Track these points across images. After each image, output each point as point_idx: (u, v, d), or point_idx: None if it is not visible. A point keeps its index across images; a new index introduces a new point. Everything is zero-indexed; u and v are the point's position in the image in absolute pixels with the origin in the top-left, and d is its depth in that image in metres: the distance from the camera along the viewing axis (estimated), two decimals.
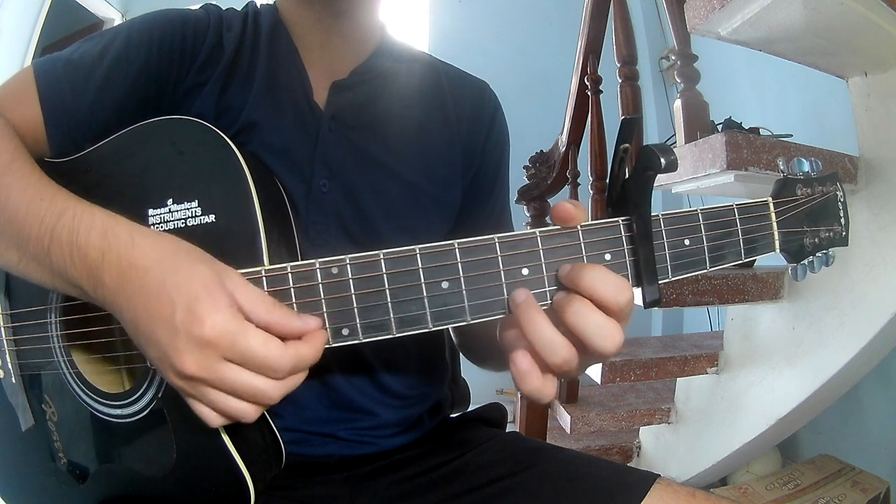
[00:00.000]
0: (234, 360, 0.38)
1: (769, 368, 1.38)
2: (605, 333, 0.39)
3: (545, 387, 0.41)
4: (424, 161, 0.68)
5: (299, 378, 0.42)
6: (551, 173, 1.77)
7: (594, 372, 1.41)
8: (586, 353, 0.40)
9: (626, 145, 0.43)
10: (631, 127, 0.43)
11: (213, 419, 0.41)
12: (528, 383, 0.41)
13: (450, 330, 0.76)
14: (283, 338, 0.40)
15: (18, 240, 0.45)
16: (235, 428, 0.48)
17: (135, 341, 0.42)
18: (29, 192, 0.46)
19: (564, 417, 1.64)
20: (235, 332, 0.38)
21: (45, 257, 0.43)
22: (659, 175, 0.41)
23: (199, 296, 0.38)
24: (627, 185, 0.43)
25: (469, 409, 0.80)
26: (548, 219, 1.78)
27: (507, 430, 0.75)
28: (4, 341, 0.59)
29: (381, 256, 0.42)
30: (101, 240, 0.41)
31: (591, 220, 0.43)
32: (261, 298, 0.40)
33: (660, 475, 0.59)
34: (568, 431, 1.65)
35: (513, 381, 0.42)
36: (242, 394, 0.39)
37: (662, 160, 0.40)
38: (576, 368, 0.41)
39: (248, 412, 0.40)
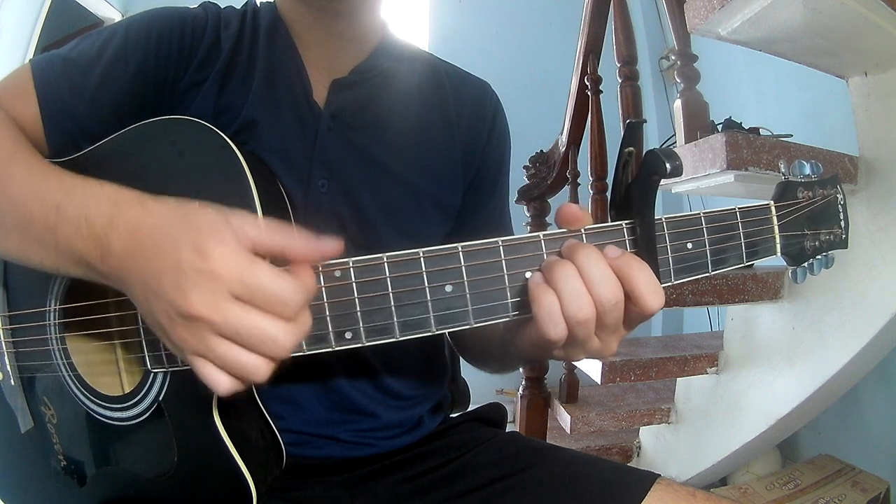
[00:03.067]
0: (243, 296, 0.36)
1: (769, 368, 1.38)
2: (609, 284, 0.40)
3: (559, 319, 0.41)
4: (425, 161, 0.68)
5: (307, 321, 0.39)
6: (551, 173, 1.77)
7: (594, 372, 1.41)
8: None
9: (631, 149, 0.43)
10: (635, 131, 0.43)
11: (222, 381, 0.38)
12: (544, 300, 0.40)
13: None
14: (296, 262, 0.39)
15: (22, 223, 0.44)
16: (236, 429, 0.48)
17: (143, 308, 0.40)
18: (33, 175, 0.46)
19: (564, 417, 1.64)
20: (242, 264, 0.37)
21: (50, 236, 0.43)
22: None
23: (204, 232, 0.37)
24: (631, 188, 0.43)
25: (469, 409, 0.80)
26: (548, 219, 1.79)
27: (507, 430, 0.75)
28: (3, 343, 0.59)
29: (385, 260, 0.42)
30: (111, 206, 0.41)
31: (591, 219, 0.43)
32: (273, 227, 0.39)
33: (660, 475, 0.59)
34: (568, 431, 1.65)
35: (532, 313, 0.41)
36: (251, 339, 0.37)
37: (668, 165, 0.40)
38: (588, 337, 0.41)
39: (258, 365, 0.38)
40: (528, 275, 0.42)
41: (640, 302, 0.40)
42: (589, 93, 1.61)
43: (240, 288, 0.36)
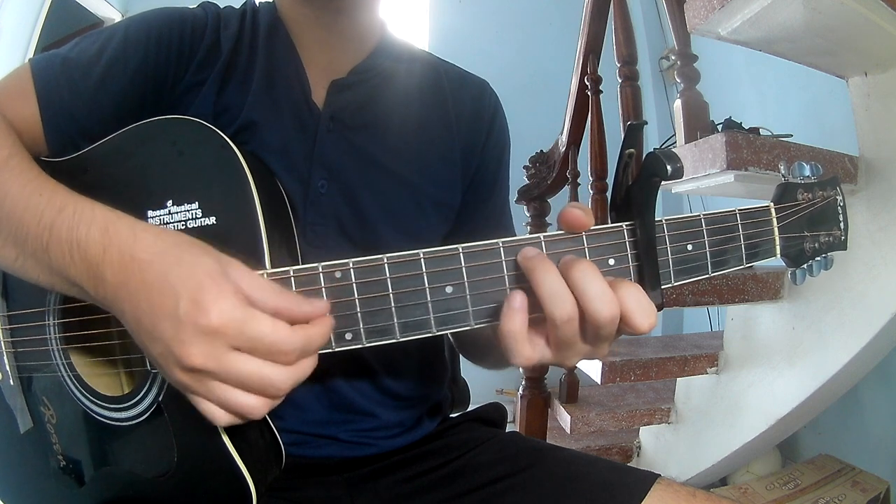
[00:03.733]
0: (243, 347, 0.37)
1: (769, 368, 1.38)
2: (606, 300, 0.39)
3: (528, 345, 0.41)
4: (424, 161, 0.68)
5: (308, 366, 0.40)
6: (551, 173, 1.77)
7: (594, 372, 1.41)
8: (584, 322, 0.40)
9: (631, 150, 0.43)
10: (636, 132, 0.43)
11: (220, 417, 0.39)
12: (512, 322, 0.40)
13: None
14: (292, 323, 0.39)
15: (17, 236, 0.44)
16: (236, 429, 0.48)
17: (136, 339, 0.40)
18: (28, 187, 0.45)
19: (564, 417, 1.64)
20: (243, 318, 0.37)
21: (43, 254, 0.43)
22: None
23: (203, 285, 0.37)
24: (632, 190, 0.43)
25: (469, 409, 0.80)
26: (548, 219, 1.79)
27: (506, 430, 0.75)
28: (2, 343, 0.59)
29: (385, 261, 0.42)
30: (102, 235, 0.40)
31: (594, 223, 0.43)
32: (267, 285, 0.39)
33: (660, 475, 0.59)
34: (568, 431, 1.65)
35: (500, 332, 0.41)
36: (251, 385, 0.38)
37: (669, 167, 0.40)
38: (571, 340, 0.41)
39: (257, 406, 0.39)
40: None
41: (630, 322, 0.40)
42: (589, 93, 1.61)
43: (241, 341, 0.37)
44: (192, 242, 0.41)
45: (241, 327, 0.37)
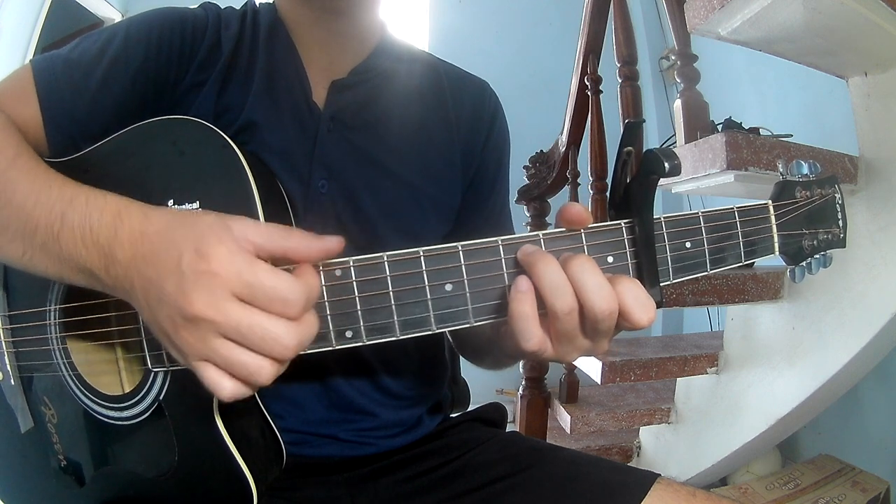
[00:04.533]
0: (244, 295, 0.36)
1: (769, 368, 1.38)
2: (604, 294, 0.39)
3: (539, 327, 0.41)
4: (424, 161, 0.68)
5: (313, 324, 0.39)
6: (551, 173, 1.77)
7: (594, 372, 1.41)
8: (583, 316, 0.40)
9: (630, 148, 0.43)
10: (635, 130, 0.43)
11: (225, 386, 0.38)
12: (522, 304, 0.40)
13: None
14: (305, 260, 0.39)
15: (25, 231, 0.44)
16: (237, 429, 0.48)
17: (146, 315, 0.40)
18: (37, 183, 0.46)
19: (564, 417, 1.64)
20: (242, 264, 0.37)
21: (53, 244, 0.43)
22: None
23: (203, 235, 0.37)
24: (630, 188, 0.43)
25: (469, 409, 0.80)
26: (548, 219, 1.79)
27: (506, 430, 0.75)
28: (3, 343, 0.59)
29: (385, 259, 0.42)
30: (114, 218, 0.41)
31: (593, 220, 0.43)
32: (275, 228, 0.39)
33: (660, 475, 0.59)
34: (568, 431, 1.65)
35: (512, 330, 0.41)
36: (254, 339, 0.36)
37: (666, 165, 0.40)
38: (572, 333, 0.41)
39: (262, 366, 0.37)
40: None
41: (629, 318, 0.40)
42: (589, 93, 1.61)
43: (240, 288, 0.36)
44: (201, 211, 0.41)
45: (241, 273, 0.36)
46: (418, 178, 0.67)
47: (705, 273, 0.45)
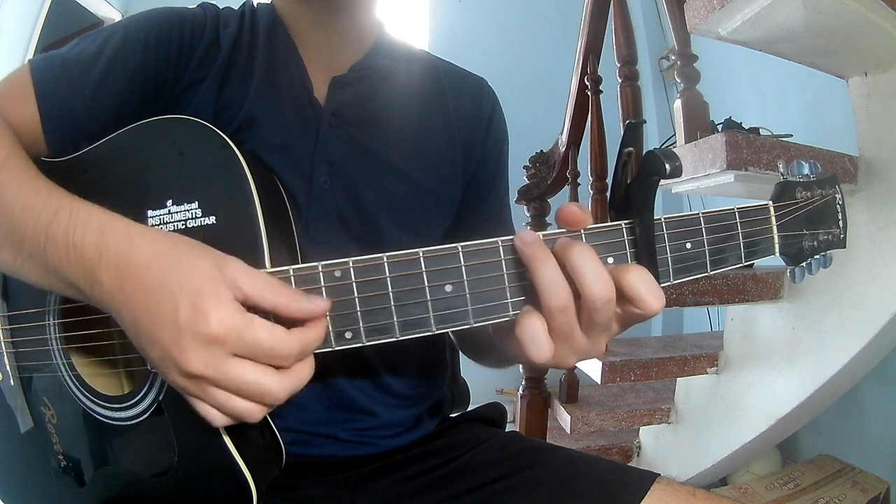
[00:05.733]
0: (243, 353, 0.38)
1: (769, 368, 1.38)
2: (602, 281, 0.39)
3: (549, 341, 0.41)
4: (425, 157, 0.68)
5: (305, 372, 0.41)
6: (551, 173, 1.77)
7: (594, 372, 1.41)
8: (580, 307, 0.40)
9: (630, 149, 0.43)
10: (635, 131, 0.43)
11: (218, 419, 0.40)
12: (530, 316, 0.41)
13: None
14: (292, 319, 0.39)
15: (13, 238, 0.44)
16: (236, 428, 0.48)
17: (135, 342, 0.41)
18: (24, 188, 0.45)
19: (564, 417, 1.64)
20: (242, 325, 0.37)
21: (41, 256, 0.43)
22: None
23: (202, 291, 0.37)
24: (631, 189, 0.43)
25: (469, 409, 0.80)
26: (548, 219, 1.79)
27: (506, 430, 0.75)
28: (3, 343, 0.59)
29: (385, 259, 0.42)
30: (98, 237, 0.40)
31: (592, 220, 0.43)
32: (266, 282, 0.39)
33: (660, 474, 0.59)
34: (568, 431, 1.65)
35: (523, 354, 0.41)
36: (248, 393, 0.38)
37: (667, 166, 0.40)
38: (569, 331, 0.41)
39: (254, 412, 0.40)
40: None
41: (642, 304, 0.40)
42: (589, 93, 1.61)
43: (241, 348, 0.37)
44: (188, 243, 0.41)
45: (241, 334, 0.37)
46: (420, 174, 0.67)
47: (706, 274, 0.45)
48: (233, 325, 0.37)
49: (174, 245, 0.40)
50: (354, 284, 0.42)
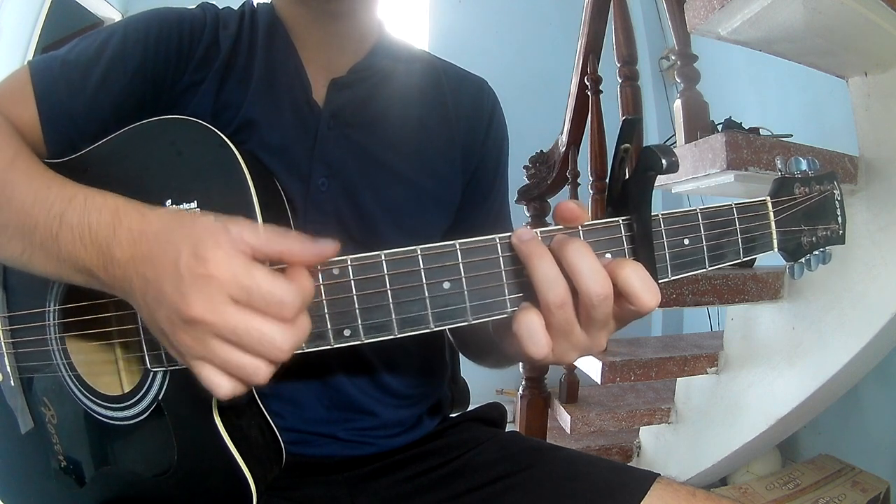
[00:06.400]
0: (240, 298, 0.37)
1: (769, 368, 1.38)
2: (598, 277, 0.40)
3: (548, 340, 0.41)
4: (424, 159, 0.68)
5: (306, 325, 0.40)
6: (551, 173, 1.77)
7: (594, 372, 1.41)
8: (578, 303, 0.41)
9: (627, 145, 0.43)
10: (632, 127, 0.43)
11: (224, 384, 0.38)
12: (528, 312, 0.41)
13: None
14: (299, 263, 0.39)
15: (24, 230, 0.45)
16: (236, 428, 0.48)
17: (145, 316, 0.41)
18: (35, 183, 0.46)
19: (564, 417, 1.64)
20: (239, 267, 0.37)
21: (52, 243, 0.43)
22: (659, 175, 0.41)
23: (201, 238, 0.38)
24: (628, 185, 0.43)
25: (469, 409, 0.80)
26: (548, 219, 1.79)
27: (506, 430, 0.75)
28: (3, 344, 0.59)
29: (383, 257, 0.42)
30: (113, 216, 0.41)
31: (592, 220, 0.43)
32: (271, 232, 0.39)
33: (660, 474, 0.59)
34: (568, 431, 1.65)
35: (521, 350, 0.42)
36: (250, 341, 0.37)
37: (664, 161, 0.40)
38: (567, 327, 0.41)
39: (258, 367, 0.38)
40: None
41: (637, 301, 0.40)
42: (589, 93, 1.61)
43: (237, 291, 0.37)
44: (199, 213, 0.41)
45: (238, 277, 0.37)
46: (419, 176, 0.67)
47: (704, 270, 0.45)
48: (231, 266, 0.37)
49: (184, 213, 0.41)
50: (353, 282, 0.42)
